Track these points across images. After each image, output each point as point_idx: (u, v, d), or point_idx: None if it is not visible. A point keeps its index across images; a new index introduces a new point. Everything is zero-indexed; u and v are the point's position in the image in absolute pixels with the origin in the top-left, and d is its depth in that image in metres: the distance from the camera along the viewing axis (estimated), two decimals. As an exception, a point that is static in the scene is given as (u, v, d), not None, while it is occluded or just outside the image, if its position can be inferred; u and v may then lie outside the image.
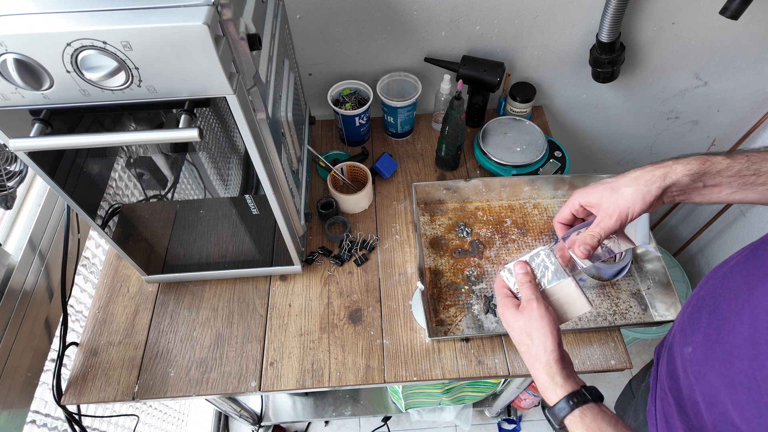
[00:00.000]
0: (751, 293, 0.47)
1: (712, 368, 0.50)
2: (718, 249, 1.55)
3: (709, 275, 0.59)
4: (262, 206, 0.77)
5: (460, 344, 0.90)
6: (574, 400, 0.52)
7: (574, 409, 0.51)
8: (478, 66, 1.07)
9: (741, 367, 0.45)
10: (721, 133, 1.39)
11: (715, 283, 0.55)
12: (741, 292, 0.49)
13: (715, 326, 0.51)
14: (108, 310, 0.95)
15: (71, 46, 0.47)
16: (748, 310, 0.46)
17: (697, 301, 0.58)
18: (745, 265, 0.51)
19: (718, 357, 0.49)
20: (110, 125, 0.61)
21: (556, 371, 0.54)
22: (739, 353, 0.46)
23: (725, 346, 0.48)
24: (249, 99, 0.60)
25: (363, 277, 0.98)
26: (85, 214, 0.73)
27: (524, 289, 0.59)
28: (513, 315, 0.58)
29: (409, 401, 1.40)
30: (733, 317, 0.48)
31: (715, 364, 0.50)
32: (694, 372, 0.54)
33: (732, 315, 0.48)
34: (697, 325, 0.55)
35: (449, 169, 1.14)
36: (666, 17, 1.05)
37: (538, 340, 0.55)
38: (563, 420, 0.52)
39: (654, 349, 0.74)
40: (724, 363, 0.48)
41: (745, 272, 0.50)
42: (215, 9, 0.48)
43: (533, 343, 0.56)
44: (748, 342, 0.44)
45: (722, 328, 0.49)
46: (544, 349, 0.55)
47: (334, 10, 1.01)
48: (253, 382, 0.87)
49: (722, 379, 0.48)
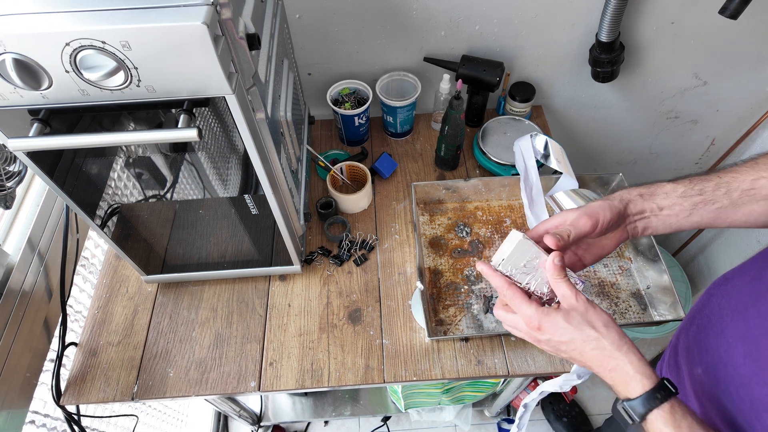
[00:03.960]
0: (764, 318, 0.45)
1: (725, 392, 0.49)
2: (718, 249, 1.55)
3: (713, 290, 0.57)
4: (262, 206, 0.77)
5: (460, 344, 0.89)
6: (661, 393, 0.47)
7: (663, 403, 0.47)
8: (477, 66, 1.07)
9: (762, 392, 0.43)
10: (721, 132, 1.38)
11: (720, 302, 0.54)
12: (751, 315, 0.47)
13: (725, 348, 0.50)
14: (107, 310, 0.95)
15: (70, 45, 0.47)
16: None
17: (702, 320, 0.56)
18: (753, 286, 0.49)
19: (734, 381, 0.47)
20: (109, 125, 0.61)
21: (639, 358, 0.50)
22: (759, 379, 0.44)
23: (740, 370, 0.46)
24: (248, 99, 0.60)
25: (362, 277, 0.98)
26: (84, 214, 0.73)
27: (562, 286, 0.55)
28: (557, 315, 0.54)
29: (409, 401, 1.40)
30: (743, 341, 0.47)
31: (730, 387, 0.47)
32: (707, 395, 0.53)
33: (741, 338, 0.47)
34: (705, 346, 0.53)
35: (449, 168, 1.14)
36: (665, 17, 1.05)
37: (607, 328, 0.52)
38: (647, 414, 0.47)
39: (656, 366, 0.71)
40: (744, 387, 0.46)
41: (754, 294, 0.48)
42: (214, 9, 0.48)
43: (605, 332, 0.51)
44: None
45: (734, 351, 0.48)
46: (619, 334, 0.51)
47: (334, 10, 1.00)
48: (252, 382, 0.87)
49: (742, 403, 0.46)
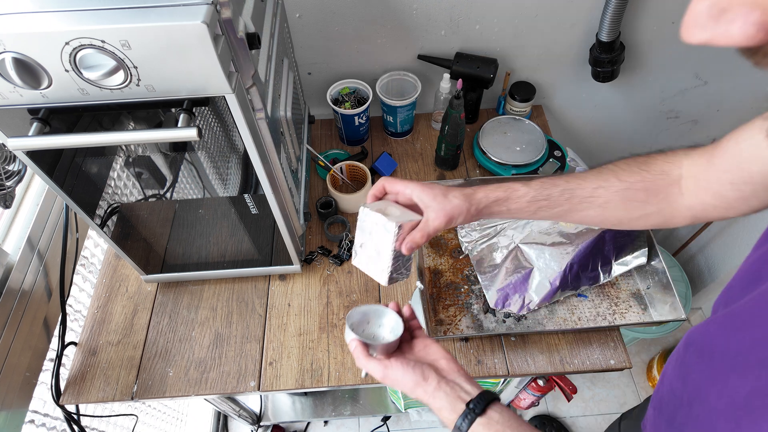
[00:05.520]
0: None
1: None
2: (718, 249, 1.55)
3: (689, 360, 0.53)
4: (261, 206, 0.77)
5: (460, 344, 0.89)
6: (476, 405, 0.51)
7: (478, 416, 0.50)
8: (471, 63, 1.07)
9: None
10: (721, 132, 1.36)
11: (698, 377, 0.50)
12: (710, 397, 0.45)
13: None
14: (107, 310, 0.95)
15: (70, 45, 0.46)
16: None
17: (669, 397, 0.55)
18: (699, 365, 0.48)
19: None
20: (109, 124, 0.61)
21: (448, 393, 0.53)
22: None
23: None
24: (248, 98, 0.60)
25: (362, 276, 0.98)
26: (83, 213, 0.73)
27: (366, 362, 0.57)
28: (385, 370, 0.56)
29: (409, 401, 1.40)
30: None
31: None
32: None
33: None
34: (682, 422, 0.52)
35: (449, 168, 1.14)
36: (666, 16, 1.04)
37: (425, 380, 0.54)
38: (468, 429, 0.51)
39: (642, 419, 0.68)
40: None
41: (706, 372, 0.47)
42: (214, 8, 0.48)
43: (422, 383, 0.54)
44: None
45: None
46: (423, 391, 0.54)
47: (334, 9, 1.00)
48: (252, 381, 0.87)
49: None
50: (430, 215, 0.60)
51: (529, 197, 0.62)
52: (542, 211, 0.63)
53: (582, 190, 0.62)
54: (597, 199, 0.61)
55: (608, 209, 0.62)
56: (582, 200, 0.62)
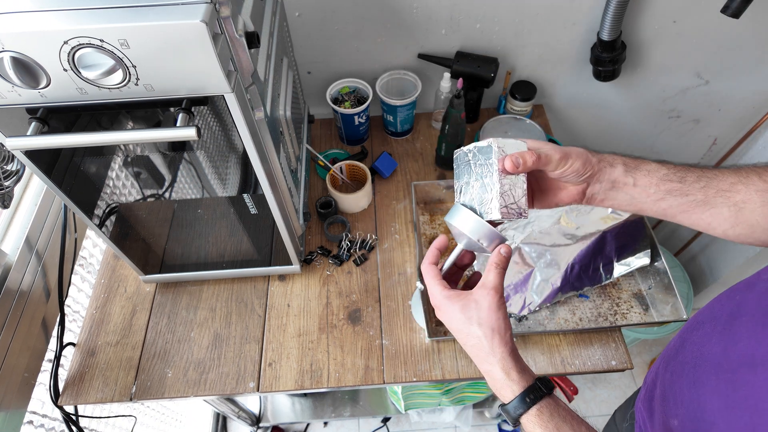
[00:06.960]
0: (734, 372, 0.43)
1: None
2: (719, 248, 1.55)
3: (686, 335, 0.54)
4: (261, 206, 0.76)
5: (460, 344, 0.89)
6: (531, 396, 0.49)
7: (531, 407, 0.49)
8: (471, 62, 1.07)
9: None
10: (722, 132, 1.38)
11: (693, 349, 0.51)
12: (722, 370, 0.45)
13: (699, 403, 0.47)
14: (105, 311, 0.95)
15: (68, 44, 0.46)
16: None
17: (676, 367, 0.54)
18: (723, 337, 0.47)
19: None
20: (107, 124, 0.61)
21: (511, 366, 0.51)
22: None
23: (717, 427, 0.44)
24: (247, 97, 0.59)
25: (362, 277, 0.98)
26: (82, 213, 0.73)
27: (493, 274, 0.53)
28: (456, 304, 0.54)
29: (409, 402, 1.40)
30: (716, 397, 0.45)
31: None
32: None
33: (717, 394, 0.45)
34: (680, 399, 0.51)
35: (449, 168, 1.14)
36: (667, 15, 1.04)
37: (492, 332, 0.51)
38: (519, 418, 0.50)
39: (635, 400, 0.68)
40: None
41: (723, 345, 0.46)
42: (213, 7, 0.47)
43: (489, 335, 0.51)
44: None
45: (709, 407, 0.45)
46: (500, 342, 0.51)
47: (334, 8, 1.00)
48: (251, 382, 0.86)
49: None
50: (547, 148, 0.53)
51: (661, 173, 0.54)
52: (671, 197, 0.54)
53: (719, 181, 0.54)
54: (735, 195, 0.53)
55: (744, 211, 0.54)
56: (718, 192, 0.54)
